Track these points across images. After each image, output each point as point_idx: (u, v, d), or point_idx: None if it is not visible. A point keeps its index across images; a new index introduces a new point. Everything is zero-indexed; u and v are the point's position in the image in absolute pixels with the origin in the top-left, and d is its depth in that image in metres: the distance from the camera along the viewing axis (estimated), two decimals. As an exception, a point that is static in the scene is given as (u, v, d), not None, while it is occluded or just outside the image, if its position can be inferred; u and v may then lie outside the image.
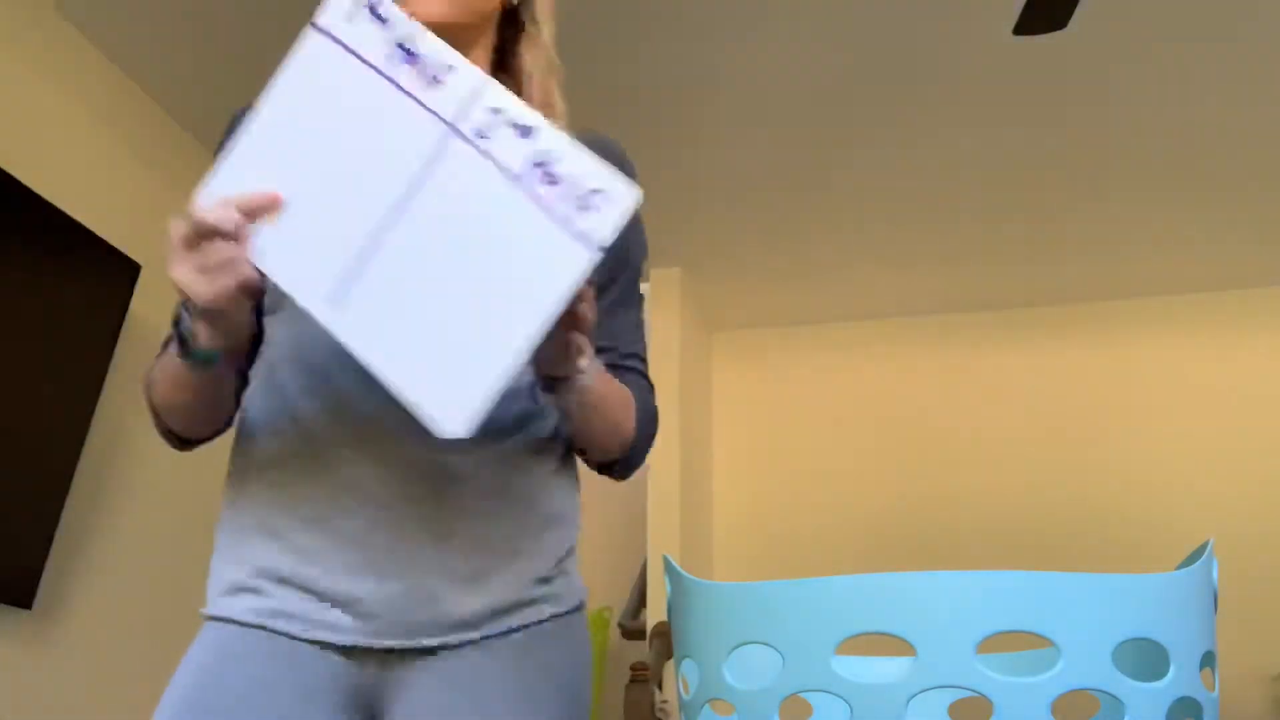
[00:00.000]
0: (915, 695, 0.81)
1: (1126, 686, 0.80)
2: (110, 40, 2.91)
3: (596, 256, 0.82)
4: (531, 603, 1.05)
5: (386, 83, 0.88)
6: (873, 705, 0.81)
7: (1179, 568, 0.91)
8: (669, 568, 1.05)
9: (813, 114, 3.26)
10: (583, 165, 0.84)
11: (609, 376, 1.08)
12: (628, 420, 1.12)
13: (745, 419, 4.81)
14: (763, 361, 4.86)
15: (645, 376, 1.19)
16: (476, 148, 0.86)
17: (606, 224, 0.83)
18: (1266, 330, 4.36)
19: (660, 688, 3.71)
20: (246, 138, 0.89)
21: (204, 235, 0.86)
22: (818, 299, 4.63)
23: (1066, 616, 0.80)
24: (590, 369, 0.99)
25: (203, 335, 0.95)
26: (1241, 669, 3.72)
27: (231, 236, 0.86)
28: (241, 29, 2.86)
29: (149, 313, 3.05)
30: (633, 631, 4.40)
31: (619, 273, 1.16)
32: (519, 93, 1.11)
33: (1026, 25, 2.38)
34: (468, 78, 0.87)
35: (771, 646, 0.86)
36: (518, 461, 1.07)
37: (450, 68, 0.87)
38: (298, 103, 0.89)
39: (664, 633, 3.58)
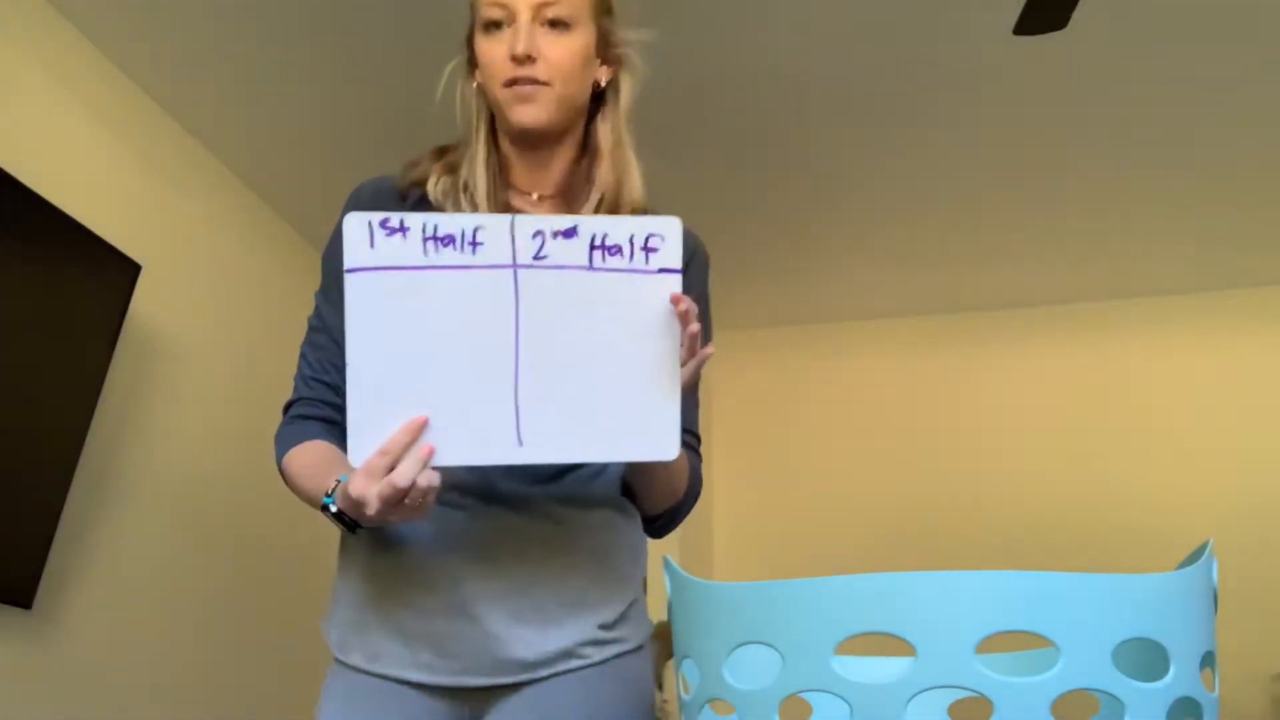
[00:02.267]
0: (915, 695, 0.81)
1: (1127, 687, 0.80)
2: (110, 40, 2.91)
3: (680, 276, 0.98)
4: (597, 643, 1.17)
5: (439, 271, 0.98)
6: (873, 705, 0.81)
7: (1179, 568, 0.91)
8: (669, 568, 1.05)
9: (813, 114, 3.26)
10: (626, 227, 0.98)
11: None
12: (682, 481, 1.23)
13: (745, 419, 4.80)
14: (763, 361, 4.86)
15: (697, 450, 1.29)
16: (543, 268, 0.98)
17: (672, 252, 0.97)
18: (1266, 330, 4.36)
19: (660, 688, 3.71)
20: (353, 391, 0.99)
21: (398, 496, 0.97)
22: (818, 299, 4.63)
23: (1066, 616, 0.80)
24: None
25: (378, 523, 1.05)
26: (1241, 669, 3.71)
27: (421, 477, 0.98)
28: (242, 29, 2.86)
29: (149, 313, 3.05)
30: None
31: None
32: (596, 167, 1.24)
33: (1026, 25, 2.38)
34: (498, 225, 0.98)
35: (771, 646, 0.86)
36: (591, 524, 1.19)
37: (478, 227, 0.98)
38: (376, 334, 0.98)
39: (664, 633, 3.58)
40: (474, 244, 0.97)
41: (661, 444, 1.00)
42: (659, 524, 1.29)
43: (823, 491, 4.60)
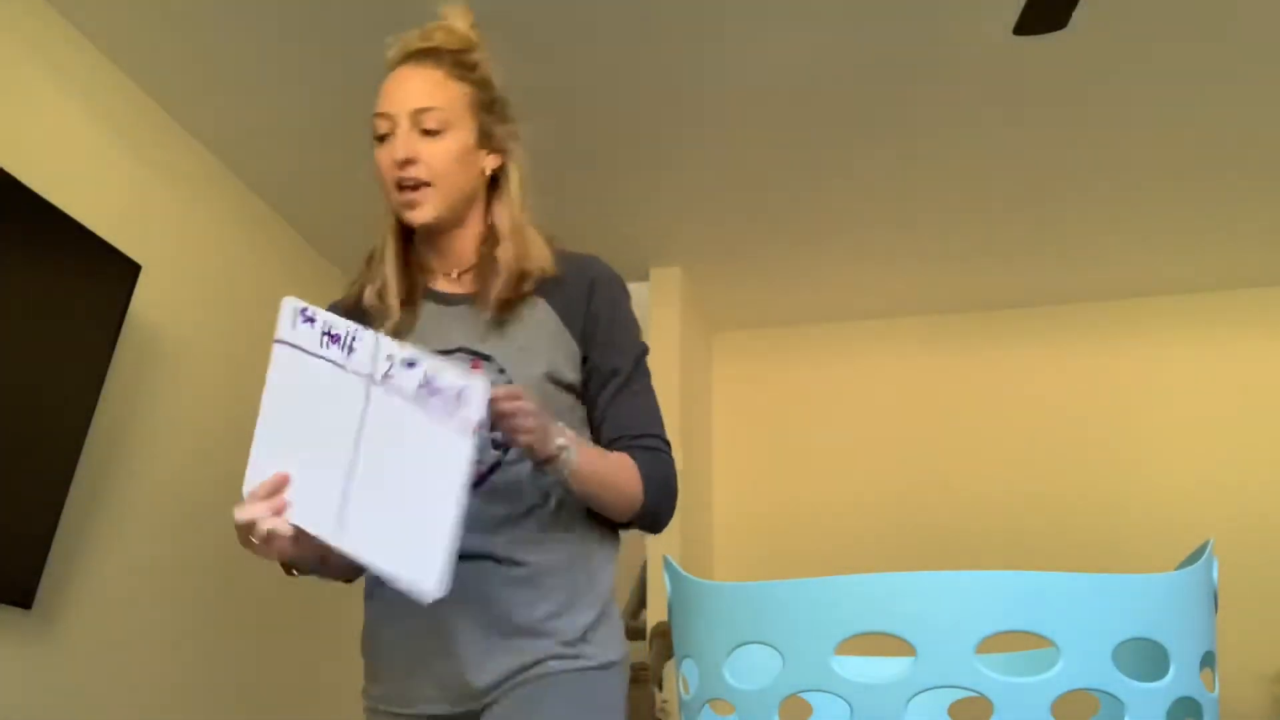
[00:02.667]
0: (915, 695, 0.81)
1: (1127, 686, 0.80)
2: (110, 40, 2.91)
3: (472, 442, 1.06)
4: (558, 657, 1.29)
5: (324, 361, 1.17)
6: (873, 705, 0.81)
7: (1179, 568, 0.91)
8: (669, 568, 1.06)
9: (812, 114, 3.26)
10: (450, 376, 1.08)
11: (599, 452, 1.31)
12: (631, 487, 1.32)
13: (745, 419, 4.80)
14: (763, 361, 4.86)
15: (660, 450, 1.39)
16: (386, 387, 1.11)
17: (472, 415, 1.06)
18: (1266, 330, 4.36)
19: (660, 688, 3.71)
20: (257, 437, 1.19)
21: (248, 530, 1.14)
22: (817, 299, 4.63)
23: (1066, 616, 0.80)
24: (573, 449, 1.22)
25: (289, 563, 1.27)
26: (1241, 669, 3.71)
27: (263, 521, 1.13)
28: (242, 29, 2.86)
29: (149, 313, 3.05)
30: (633, 631, 4.40)
31: (617, 369, 1.39)
32: (497, 251, 1.38)
33: (1026, 25, 2.38)
34: (367, 339, 1.14)
35: (771, 646, 0.86)
36: (551, 562, 1.32)
37: (355, 337, 1.14)
38: (281, 398, 1.20)
39: (664, 633, 3.58)
40: (350, 350, 1.14)
41: (423, 580, 1.06)
42: (638, 528, 1.38)
43: (823, 491, 4.59)
